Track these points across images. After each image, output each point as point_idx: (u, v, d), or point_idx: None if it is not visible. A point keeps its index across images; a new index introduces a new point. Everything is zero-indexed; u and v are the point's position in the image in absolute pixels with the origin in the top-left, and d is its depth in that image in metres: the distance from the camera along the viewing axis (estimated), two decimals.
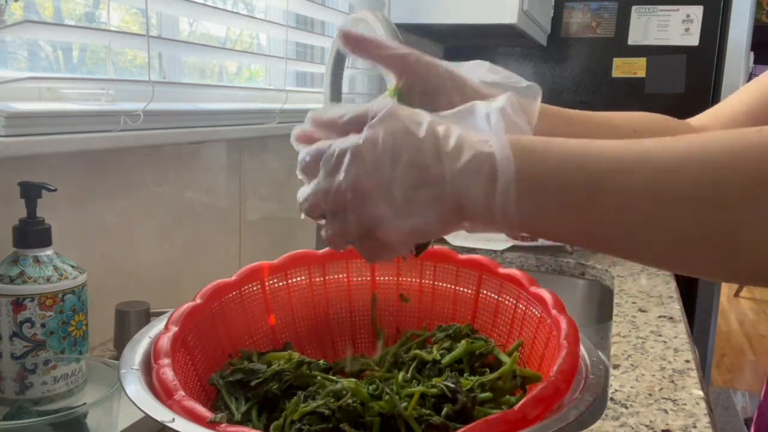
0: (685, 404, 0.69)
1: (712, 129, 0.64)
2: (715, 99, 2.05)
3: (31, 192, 0.64)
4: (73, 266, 0.66)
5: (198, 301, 0.59)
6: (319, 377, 0.55)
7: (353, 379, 0.53)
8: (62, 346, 0.65)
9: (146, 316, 0.76)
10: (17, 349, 0.63)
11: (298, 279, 0.68)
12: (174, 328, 0.54)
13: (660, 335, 0.90)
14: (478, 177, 0.38)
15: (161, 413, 0.44)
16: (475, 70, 0.54)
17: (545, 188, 0.38)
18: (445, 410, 0.51)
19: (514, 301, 0.65)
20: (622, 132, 0.60)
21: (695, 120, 0.68)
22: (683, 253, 0.37)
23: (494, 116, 0.42)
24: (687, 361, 0.80)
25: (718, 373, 3.10)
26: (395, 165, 0.38)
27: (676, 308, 1.02)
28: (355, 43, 0.49)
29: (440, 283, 0.70)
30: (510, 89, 0.52)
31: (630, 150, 0.37)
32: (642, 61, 2.08)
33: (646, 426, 0.64)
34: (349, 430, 0.48)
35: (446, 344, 0.62)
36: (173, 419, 0.43)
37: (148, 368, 0.51)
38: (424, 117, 0.40)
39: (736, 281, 0.38)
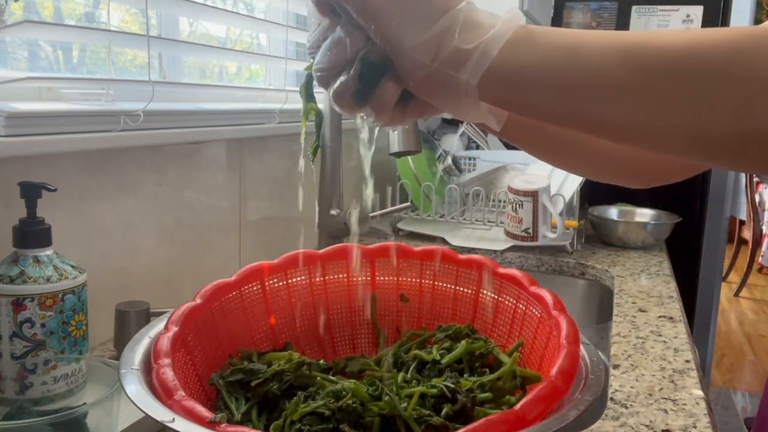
0: (685, 404, 0.69)
1: None
2: None
3: (31, 192, 0.64)
4: (73, 266, 0.66)
5: (198, 301, 0.59)
6: (318, 378, 0.55)
7: (353, 380, 0.53)
8: (62, 346, 0.65)
9: (146, 316, 0.76)
10: (17, 349, 0.63)
11: (298, 279, 0.68)
12: (174, 328, 0.54)
13: (660, 335, 0.90)
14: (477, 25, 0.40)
15: (161, 413, 0.44)
16: None
17: (530, 44, 0.40)
18: (444, 410, 0.51)
19: (514, 301, 0.65)
20: None
21: None
22: (651, 117, 0.38)
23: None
24: (687, 361, 0.80)
25: (718, 373, 3.10)
26: None
27: (676, 308, 1.02)
28: None
29: (440, 283, 0.70)
30: None
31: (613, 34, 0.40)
32: None
33: (646, 426, 0.64)
34: (349, 431, 0.48)
35: (446, 344, 0.62)
36: (173, 419, 0.43)
37: (148, 368, 0.51)
38: None
39: (693, 150, 0.39)
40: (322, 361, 0.60)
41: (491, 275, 0.67)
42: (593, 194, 1.71)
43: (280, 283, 0.67)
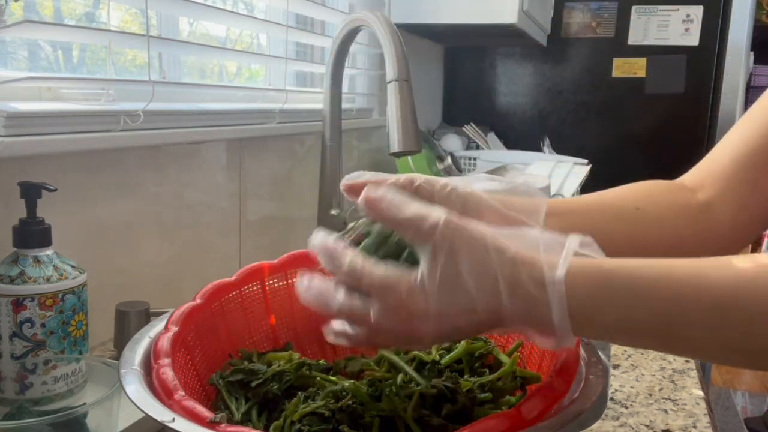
0: (685, 404, 0.69)
1: (709, 188, 0.61)
2: (714, 99, 2.05)
3: (31, 192, 0.64)
4: (73, 266, 0.66)
5: (198, 301, 0.59)
6: (318, 378, 0.55)
7: (353, 380, 0.53)
8: (62, 346, 0.65)
9: (146, 316, 0.76)
10: (17, 349, 0.63)
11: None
12: (174, 328, 0.54)
13: None
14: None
15: (161, 413, 0.44)
16: (474, 182, 0.52)
17: (605, 300, 0.41)
18: (444, 411, 0.51)
19: None
20: (626, 212, 0.59)
21: (689, 178, 0.64)
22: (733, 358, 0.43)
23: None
24: (687, 361, 0.80)
25: (718, 373, 3.09)
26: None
27: None
28: (357, 190, 0.47)
29: None
30: (513, 194, 0.52)
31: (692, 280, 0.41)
32: (642, 61, 2.08)
33: (646, 426, 0.64)
34: (349, 431, 0.48)
35: (446, 344, 0.62)
36: (173, 419, 0.43)
37: (148, 368, 0.51)
38: (487, 233, 0.41)
39: None
40: (322, 361, 0.60)
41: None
42: None
43: (280, 283, 0.67)
